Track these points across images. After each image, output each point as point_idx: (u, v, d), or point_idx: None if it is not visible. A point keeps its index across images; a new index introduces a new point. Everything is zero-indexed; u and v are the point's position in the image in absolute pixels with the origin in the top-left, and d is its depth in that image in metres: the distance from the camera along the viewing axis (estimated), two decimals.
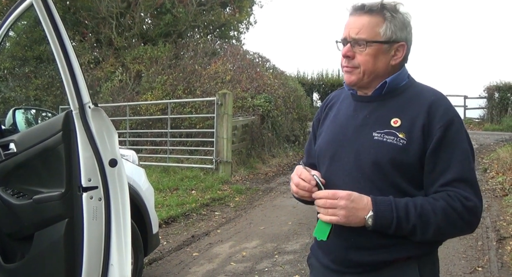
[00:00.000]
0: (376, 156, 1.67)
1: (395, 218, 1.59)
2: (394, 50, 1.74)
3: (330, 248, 1.78)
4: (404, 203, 1.61)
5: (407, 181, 1.67)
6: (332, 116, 1.90)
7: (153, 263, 5.16)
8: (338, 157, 1.77)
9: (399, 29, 1.71)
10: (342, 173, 1.74)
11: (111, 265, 2.55)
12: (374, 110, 1.75)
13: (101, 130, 2.50)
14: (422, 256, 1.71)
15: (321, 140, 1.89)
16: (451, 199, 1.61)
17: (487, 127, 20.72)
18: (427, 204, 1.61)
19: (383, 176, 1.67)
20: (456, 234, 1.74)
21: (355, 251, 1.68)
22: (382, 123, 1.71)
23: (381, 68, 1.73)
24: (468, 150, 1.70)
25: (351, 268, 1.74)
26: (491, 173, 10.26)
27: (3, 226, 3.06)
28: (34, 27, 14.72)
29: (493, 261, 5.08)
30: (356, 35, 1.70)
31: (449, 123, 1.66)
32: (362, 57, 1.71)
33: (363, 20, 1.71)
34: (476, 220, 1.67)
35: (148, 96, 13.61)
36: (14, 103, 15.37)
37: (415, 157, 1.65)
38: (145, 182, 4.35)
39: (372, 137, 1.70)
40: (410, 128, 1.66)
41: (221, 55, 15.78)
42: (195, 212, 7.47)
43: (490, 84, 22.01)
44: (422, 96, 1.73)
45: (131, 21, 17.58)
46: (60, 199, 2.53)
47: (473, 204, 1.63)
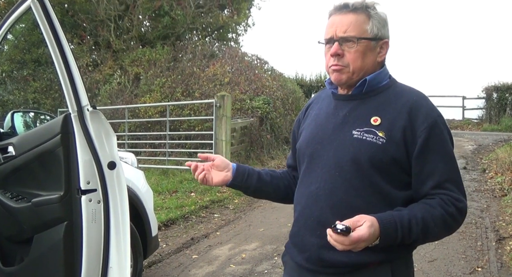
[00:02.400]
0: (355, 154, 1.68)
1: (399, 238, 1.60)
2: (379, 47, 1.76)
3: (305, 246, 1.79)
4: (407, 220, 1.59)
5: (386, 181, 1.68)
6: (313, 115, 1.92)
7: (152, 265, 5.15)
8: (318, 155, 1.78)
9: (382, 26, 1.75)
10: (320, 171, 1.75)
11: (110, 268, 2.55)
12: (354, 108, 1.76)
13: (100, 132, 2.50)
14: (395, 259, 1.71)
15: (302, 139, 1.91)
16: (446, 205, 1.63)
17: (485, 128, 20.75)
18: (427, 216, 1.61)
19: (361, 175, 1.67)
20: (448, 235, 1.76)
21: (329, 250, 1.65)
22: (362, 121, 1.71)
23: (369, 65, 1.75)
24: (452, 150, 1.73)
25: (324, 268, 1.74)
26: (490, 173, 10.28)
27: (2, 229, 3.06)
28: (32, 30, 14.71)
29: (492, 261, 5.08)
30: (345, 33, 1.71)
31: (433, 124, 1.67)
32: (351, 55, 1.71)
33: (349, 18, 1.72)
34: (464, 218, 1.71)
35: (146, 98, 13.62)
36: (13, 106, 15.38)
37: (394, 157, 1.66)
38: (144, 184, 4.35)
39: (352, 135, 1.70)
40: (390, 127, 1.67)
41: (220, 57, 15.79)
42: (194, 215, 7.47)
43: (488, 85, 22.06)
44: (403, 96, 1.74)
45: (130, 24, 17.59)
46: (59, 202, 2.53)
47: (463, 205, 1.67)
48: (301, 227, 1.81)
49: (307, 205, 1.78)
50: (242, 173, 1.96)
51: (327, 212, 1.70)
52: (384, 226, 1.55)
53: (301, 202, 1.82)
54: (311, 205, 1.76)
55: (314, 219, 1.75)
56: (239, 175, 1.95)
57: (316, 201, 1.74)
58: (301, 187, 1.85)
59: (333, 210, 1.69)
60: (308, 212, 1.78)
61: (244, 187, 1.99)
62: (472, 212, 7.24)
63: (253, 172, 1.99)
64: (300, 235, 1.81)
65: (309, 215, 1.77)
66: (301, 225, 1.81)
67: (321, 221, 1.71)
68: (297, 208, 1.86)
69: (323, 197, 1.72)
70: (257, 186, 1.99)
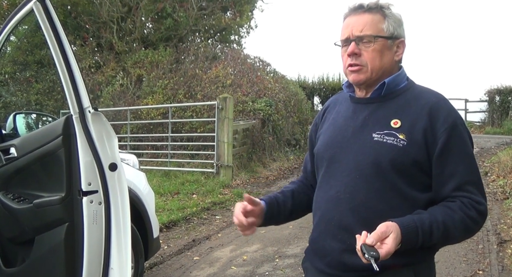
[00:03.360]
0: (376, 157, 1.66)
1: (420, 242, 1.59)
2: (396, 46, 1.76)
3: (326, 251, 1.77)
4: (429, 224, 1.58)
5: (407, 183, 1.66)
6: (331, 119, 1.90)
7: (153, 267, 5.16)
8: (337, 159, 1.76)
9: (397, 25, 1.75)
10: (340, 174, 1.74)
11: (111, 269, 2.55)
12: (373, 111, 1.75)
13: (101, 134, 2.50)
14: (419, 263, 1.71)
15: (320, 142, 1.89)
16: (467, 209, 1.62)
17: (488, 131, 20.72)
18: (448, 220, 1.60)
19: (383, 178, 1.66)
20: (468, 238, 1.76)
21: (350, 254, 1.63)
22: (382, 124, 1.70)
23: (387, 64, 1.74)
24: (472, 151, 1.72)
25: (346, 272, 1.72)
26: (492, 176, 10.26)
27: (4, 231, 3.07)
28: (35, 31, 14.74)
29: (493, 264, 5.07)
30: (361, 32, 1.71)
31: (453, 125, 1.66)
32: (369, 53, 1.72)
33: (365, 18, 1.72)
34: (484, 221, 1.69)
35: (149, 100, 13.63)
36: (15, 107, 15.40)
37: (415, 159, 1.64)
38: (146, 186, 4.35)
39: (372, 138, 1.69)
40: (410, 129, 1.66)
41: (222, 59, 15.79)
42: (196, 216, 7.47)
43: (491, 88, 22.04)
44: (423, 98, 1.73)
45: (132, 26, 17.60)
46: (60, 203, 2.54)
47: (484, 208, 1.66)
48: (322, 232, 1.79)
49: (328, 210, 1.77)
50: (271, 213, 1.92)
51: (348, 216, 1.69)
52: (406, 231, 1.55)
53: (321, 207, 1.81)
54: (332, 210, 1.75)
55: (335, 224, 1.73)
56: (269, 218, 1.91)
57: (337, 205, 1.73)
58: (320, 191, 1.83)
59: (354, 214, 1.69)
60: (328, 217, 1.76)
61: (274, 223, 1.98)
62: None
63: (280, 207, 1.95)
64: (321, 240, 1.80)
65: (329, 220, 1.75)
66: (321, 230, 1.80)
67: (342, 225, 1.71)
68: (316, 213, 1.84)
69: (344, 201, 1.71)
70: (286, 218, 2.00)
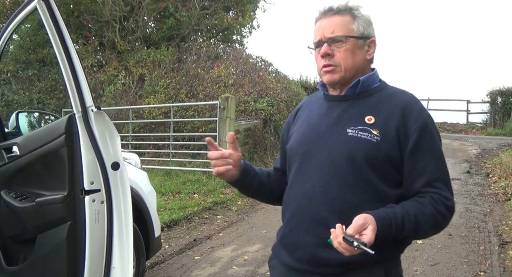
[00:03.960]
0: (350, 152, 1.70)
1: (393, 235, 1.63)
2: (367, 45, 1.82)
3: (297, 245, 1.79)
4: (401, 218, 1.62)
5: (379, 179, 1.70)
6: (304, 117, 1.95)
7: (155, 266, 5.16)
8: (311, 154, 1.79)
9: (367, 26, 1.81)
10: (315, 169, 1.76)
11: (113, 268, 2.55)
12: (347, 108, 1.80)
13: (104, 133, 2.50)
14: (388, 260, 1.75)
15: (293, 139, 1.92)
16: (436, 204, 1.67)
17: (489, 132, 20.71)
18: (419, 214, 1.65)
19: (356, 172, 1.70)
20: (436, 233, 1.80)
21: (324, 249, 1.65)
22: (356, 120, 1.75)
23: (359, 63, 1.80)
24: (441, 150, 1.78)
25: (318, 267, 1.74)
26: (494, 177, 10.25)
27: (6, 229, 3.07)
28: (37, 30, 14.77)
29: (495, 265, 5.07)
30: (333, 33, 1.76)
31: (424, 124, 1.72)
32: (341, 53, 1.76)
33: (335, 19, 1.78)
34: (452, 216, 1.74)
35: (151, 99, 13.64)
36: (18, 106, 15.43)
37: (388, 155, 1.69)
38: (148, 185, 4.35)
39: (347, 133, 1.73)
40: (384, 126, 1.71)
41: (224, 59, 15.81)
42: (197, 216, 7.47)
43: (493, 89, 22.04)
44: (395, 97, 1.79)
45: (135, 25, 17.62)
46: (62, 202, 2.54)
47: (452, 204, 1.72)
48: (295, 226, 1.81)
49: (302, 204, 1.78)
50: (248, 173, 1.94)
51: (323, 209, 1.72)
52: (382, 224, 1.58)
53: (294, 202, 1.83)
54: (306, 204, 1.77)
55: (310, 217, 1.75)
56: (245, 176, 1.93)
57: (311, 199, 1.75)
58: (294, 186, 1.85)
59: (329, 207, 1.71)
60: (302, 211, 1.78)
61: (246, 188, 1.99)
62: (475, 216, 7.23)
63: (256, 175, 1.98)
64: (293, 235, 1.81)
65: (303, 214, 1.77)
66: (294, 225, 1.81)
67: (317, 219, 1.73)
68: (289, 208, 1.85)
69: (319, 195, 1.73)
70: (256, 190, 2.00)
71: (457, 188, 9.36)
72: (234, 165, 1.86)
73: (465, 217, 7.23)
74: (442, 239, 6.05)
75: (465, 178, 10.45)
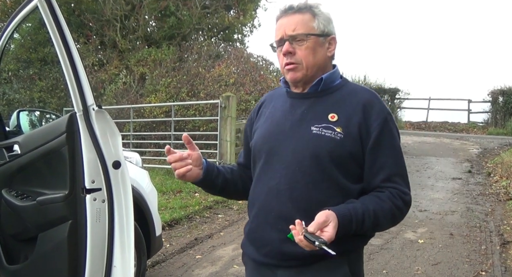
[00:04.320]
0: (314, 149, 1.74)
1: (353, 230, 1.68)
2: (328, 42, 1.84)
3: (265, 241, 1.83)
4: (361, 213, 1.67)
5: (342, 174, 1.75)
6: (268, 113, 1.97)
7: (156, 265, 5.16)
8: (276, 151, 1.83)
9: (327, 23, 1.83)
10: (279, 166, 1.80)
11: (114, 267, 2.55)
12: (311, 106, 1.84)
13: (105, 132, 2.50)
14: (351, 252, 1.80)
15: (257, 136, 1.95)
16: (394, 199, 1.74)
17: (491, 131, 20.70)
18: (378, 209, 1.71)
19: (321, 169, 1.74)
20: (393, 226, 1.87)
21: (290, 243, 1.68)
22: (320, 117, 1.79)
23: (321, 61, 1.83)
24: (400, 146, 1.83)
25: (284, 261, 1.79)
26: (495, 177, 10.25)
27: (7, 228, 3.07)
28: (38, 29, 14.79)
29: (496, 265, 5.06)
30: (294, 31, 1.79)
31: (384, 121, 1.77)
32: (302, 51, 1.79)
33: (296, 18, 1.81)
34: (408, 210, 1.81)
35: (152, 98, 13.65)
36: (19, 104, 15.44)
37: (351, 151, 1.74)
38: (149, 184, 4.35)
39: (311, 131, 1.77)
40: (346, 123, 1.75)
41: (225, 58, 15.80)
42: (198, 215, 7.47)
43: (494, 88, 22.03)
44: (357, 94, 1.83)
45: (136, 24, 17.63)
46: (63, 200, 2.53)
47: (409, 198, 1.79)
48: (261, 222, 1.85)
49: (267, 201, 1.82)
50: (211, 172, 1.95)
51: (288, 206, 1.76)
52: (343, 220, 1.63)
53: (259, 198, 1.86)
54: (272, 200, 1.80)
55: (275, 214, 1.79)
56: (209, 174, 1.94)
57: (277, 195, 1.78)
58: (259, 183, 1.88)
59: (294, 204, 1.75)
60: (268, 207, 1.81)
61: (210, 186, 2.00)
62: (476, 216, 7.23)
63: (220, 172, 2.00)
64: (260, 230, 1.85)
65: (269, 210, 1.81)
66: (260, 221, 1.85)
67: (282, 215, 1.76)
68: (255, 204, 1.89)
69: (284, 192, 1.77)
70: (222, 187, 2.01)
71: (458, 188, 9.35)
72: (195, 165, 1.88)
73: (466, 216, 7.22)
74: (444, 238, 6.05)
75: (466, 177, 10.45)
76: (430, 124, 24.02)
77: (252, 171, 1.97)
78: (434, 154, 13.70)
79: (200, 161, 1.91)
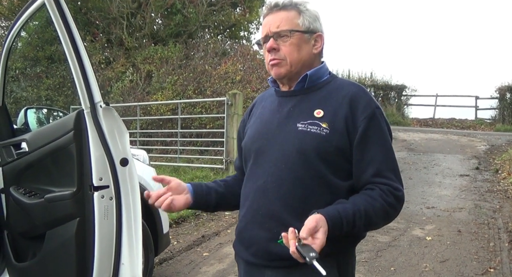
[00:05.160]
0: (300, 146, 1.72)
1: (344, 231, 1.63)
2: (314, 39, 1.83)
3: (252, 240, 1.81)
4: (352, 214, 1.62)
5: (330, 171, 1.72)
6: (258, 113, 1.97)
7: (163, 263, 5.17)
8: (264, 150, 1.82)
9: (313, 20, 1.83)
10: (267, 165, 1.79)
11: (122, 265, 2.55)
12: (297, 103, 1.82)
13: (113, 129, 2.49)
14: (342, 252, 1.77)
15: (247, 136, 1.95)
16: (386, 196, 1.68)
17: (498, 128, 20.60)
18: (369, 208, 1.65)
19: (308, 166, 1.71)
20: (387, 224, 1.81)
21: (276, 243, 1.65)
22: (306, 114, 1.77)
23: (306, 57, 1.81)
24: (390, 140, 1.80)
25: (272, 261, 1.76)
26: (503, 174, 10.20)
27: (15, 225, 3.08)
28: (45, 27, 14.80)
29: (505, 262, 5.04)
30: (278, 28, 1.79)
31: (372, 114, 1.74)
32: (286, 47, 1.79)
33: (281, 15, 1.81)
34: (401, 206, 1.76)
35: (158, 96, 13.67)
36: (26, 102, 15.49)
37: (338, 146, 1.71)
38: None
39: (297, 128, 1.75)
40: (332, 118, 1.73)
41: (231, 55, 15.79)
42: (205, 212, 7.47)
43: (501, 85, 21.94)
44: (343, 88, 1.81)
45: (142, 22, 17.65)
46: (71, 198, 2.53)
47: (401, 194, 1.73)
48: (249, 221, 1.83)
49: (255, 199, 1.80)
50: (201, 192, 1.94)
51: (276, 205, 1.74)
52: (332, 223, 1.58)
53: (248, 197, 1.84)
54: (259, 199, 1.79)
55: (263, 213, 1.77)
56: (198, 195, 1.93)
57: (264, 194, 1.77)
58: (249, 182, 1.87)
59: (282, 202, 1.73)
60: (256, 206, 1.80)
61: (205, 206, 1.98)
62: (484, 213, 7.20)
63: (210, 189, 1.98)
64: (248, 230, 1.83)
65: (257, 209, 1.79)
66: (249, 220, 1.83)
67: (270, 214, 1.75)
68: (244, 204, 1.87)
69: (271, 190, 1.75)
70: (217, 202, 2.00)
71: (466, 185, 9.32)
72: (176, 193, 1.88)
73: (474, 213, 7.19)
74: (452, 235, 6.03)
75: (474, 174, 10.40)
76: (437, 121, 23.93)
77: (245, 172, 1.96)
78: (442, 151, 13.65)
79: (182, 187, 1.90)
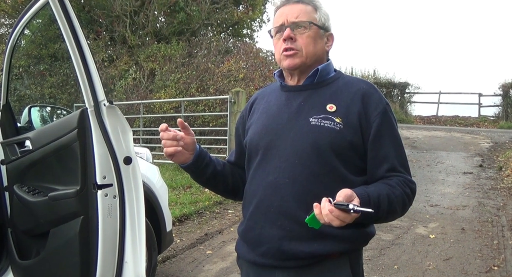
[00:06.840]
0: (315, 140, 1.69)
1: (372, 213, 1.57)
2: (326, 37, 1.84)
3: (263, 239, 1.75)
4: (377, 196, 1.60)
5: (344, 166, 1.70)
6: (261, 109, 1.92)
7: (166, 261, 5.17)
8: (274, 145, 1.77)
9: (327, 19, 1.84)
10: (278, 160, 1.74)
11: (125, 263, 2.55)
12: (308, 97, 1.80)
13: (116, 127, 2.49)
14: (353, 251, 1.74)
15: (252, 132, 1.88)
16: (403, 186, 1.69)
17: (502, 125, 20.55)
18: (391, 194, 1.64)
19: (322, 161, 1.68)
20: (401, 215, 1.79)
21: (289, 241, 1.65)
22: (318, 109, 1.75)
23: (320, 52, 1.81)
24: (399, 135, 1.80)
25: (284, 261, 1.71)
26: (507, 171, 10.17)
27: (19, 223, 3.09)
28: (49, 25, 14.81)
29: (509, 260, 5.03)
30: (297, 18, 1.77)
31: (384, 111, 1.74)
32: (303, 39, 1.77)
33: (299, 7, 1.79)
34: (413, 199, 1.77)
35: (161, 94, 13.67)
36: (30, 100, 15.52)
37: (351, 141, 1.69)
38: (159, 180, 4.36)
39: (309, 122, 1.72)
40: (346, 113, 1.71)
41: (234, 53, 15.78)
42: (208, 210, 7.48)
43: (505, 82, 21.90)
44: (353, 84, 1.80)
45: (145, 20, 17.64)
46: (75, 196, 2.54)
47: (415, 186, 1.75)
48: (259, 220, 1.77)
49: (266, 196, 1.75)
50: (202, 160, 1.90)
51: (290, 201, 1.69)
52: (362, 200, 1.53)
53: (257, 195, 1.79)
54: (271, 196, 1.73)
55: (275, 210, 1.72)
56: (198, 162, 1.89)
57: (276, 191, 1.72)
58: (256, 180, 1.81)
59: (296, 198, 1.68)
60: (267, 203, 1.74)
61: (198, 174, 1.94)
62: (488, 210, 7.19)
63: (211, 162, 1.94)
64: (257, 229, 1.77)
65: (269, 206, 1.74)
66: (258, 218, 1.77)
67: (283, 211, 1.70)
68: (252, 201, 1.81)
69: (284, 186, 1.70)
70: (208, 178, 1.95)
71: (470, 182, 9.30)
72: (186, 148, 1.84)
73: (478, 211, 7.18)
74: (455, 233, 6.02)
75: (477, 171, 10.38)
76: (440, 118, 23.88)
77: (247, 170, 1.91)
78: (445, 149, 13.63)
79: (193, 146, 1.86)
